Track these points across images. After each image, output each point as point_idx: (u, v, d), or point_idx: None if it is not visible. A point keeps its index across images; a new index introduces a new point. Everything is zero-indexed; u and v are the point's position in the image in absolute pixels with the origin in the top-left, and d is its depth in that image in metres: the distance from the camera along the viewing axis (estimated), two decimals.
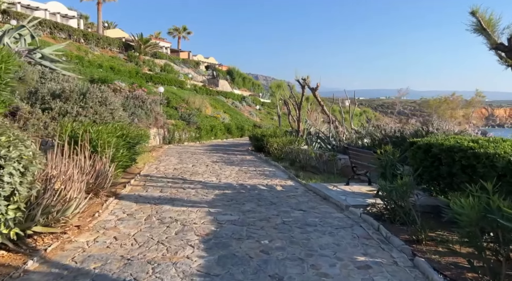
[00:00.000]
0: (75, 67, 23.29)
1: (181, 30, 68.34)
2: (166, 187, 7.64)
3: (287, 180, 8.94)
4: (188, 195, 6.87)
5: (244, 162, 12.50)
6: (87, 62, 27.54)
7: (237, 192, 7.26)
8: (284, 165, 11.40)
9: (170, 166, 10.78)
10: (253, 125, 37.13)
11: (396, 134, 9.23)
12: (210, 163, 11.96)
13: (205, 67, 65.22)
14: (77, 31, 35.53)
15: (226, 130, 29.76)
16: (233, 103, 44.40)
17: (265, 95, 68.21)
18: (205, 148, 17.99)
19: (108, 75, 24.33)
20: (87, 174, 6.01)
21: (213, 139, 26.19)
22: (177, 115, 23.93)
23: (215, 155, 14.44)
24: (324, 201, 6.68)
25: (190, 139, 22.31)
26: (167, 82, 36.31)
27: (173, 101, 27.61)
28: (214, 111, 33.84)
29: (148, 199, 6.51)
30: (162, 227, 4.89)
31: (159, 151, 15.20)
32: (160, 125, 18.05)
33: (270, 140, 13.88)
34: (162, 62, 45.65)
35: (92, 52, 34.15)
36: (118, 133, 8.25)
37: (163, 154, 14.19)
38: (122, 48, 42.21)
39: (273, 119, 49.48)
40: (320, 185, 7.67)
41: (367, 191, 7.07)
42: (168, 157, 13.27)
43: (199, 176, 9.11)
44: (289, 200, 6.68)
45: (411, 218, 4.72)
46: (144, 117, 14.87)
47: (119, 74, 29.15)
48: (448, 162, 5.06)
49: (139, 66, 38.28)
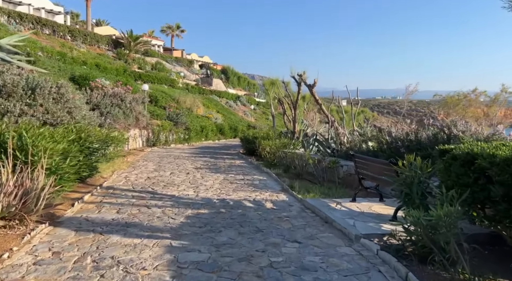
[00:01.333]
0: (54, 63, 21.70)
1: (174, 28, 66.70)
2: (127, 205, 6.09)
3: (279, 193, 7.42)
4: (151, 218, 5.32)
5: (231, 169, 10.97)
6: (70, 58, 25.87)
7: (216, 212, 5.73)
8: (277, 172, 9.89)
9: (143, 175, 9.22)
10: (248, 125, 35.59)
11: (410, 138, 7.74)
12: (192, 169, 10.41)
13: (199, 66, 63.62)
14: (62, 27, 33.82)
15: (218, 131, 28.21)
16: (227, 103, 42.85)
17: (261, 94, 66.69)
18: (192, 151, 16.43)
19: (90, 73, 22.74)
20: (8, 195, 4.47)
21: (204, 140, 24.63)
22: (165, 115, 22.34)
23: (200, 160, 12.89)
24: (326, 225, 5.16)
25: (178, 141, 20.75)
26: (157, 80, 34.71)
27: (162, 100, 26.02)
28: (207, 111, 32.28)
29: (96, 224, 4.96)
30: (93, 277, 3.35)
31: (139, 155, 13.63)
32: (143, 126, 16.48)
33: (263, 143, 12.37)
34: (153, 60, 44.03)
35: (78, 49, 32.47)
36: (71, 137, 6.70)
37: (141, 158, 12.62)
38: (111, 45, 40.56)
39: (268, 119, 47.91)
40: (320, 202, 6.16)
41: (380, 211, 5.57)
42: (146, 162, 11.70)
43: (174, 189, 7.57)
44: (280, 224, 5.16)
45: (453, 258, 3.24)
46: (121, 117, 13.30)
47: (105, 72, 27.52)
48: (503, 181, 3.56)
49: (128, 64, 36.63)
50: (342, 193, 7.15)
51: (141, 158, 12.63)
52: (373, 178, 6.00)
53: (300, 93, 14.96)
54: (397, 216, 4.99)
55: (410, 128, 7.97)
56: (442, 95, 16.55)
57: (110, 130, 11.17)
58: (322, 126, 26.22)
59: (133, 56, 40.65)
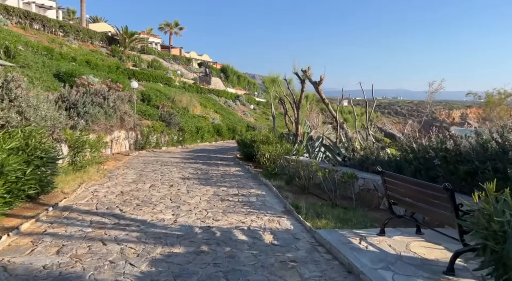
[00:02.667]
0: (38, 59, 20.12)
1: (172, 26, 65.12)
2: (76, 238, 4.51)
3: (281, 217, 5.84)
4: (100, 265, 3.74)
5: (225, 179, 9.38)
6: (58, 54, 24.30)
7: (194, 253, 4.14)
8: (278, 184, 8.31)
9: (117, 188, 7.63)
10: (247, 126, 34.00)
11: (446, 146, 6.15)
12: (178, 180, 8.82)
13: (198, 64, 62.05)
14: (53, 22, 32.23)
15: (216, 132, 26.62)
16: (226, 102, 41.26)
17: (261, 94, 65.07)
18: (184, 155, 14.85)
19: (77, 69, 21.18)
20: None
21: (200, 142, 23.05)
22: (157, 115, 20.75)
23: (191, 167, 11.30)
24: (350, 279, 3.57)
25: (171, 143, 19.16)
26: (153, 78, 33.14)
27: (155, 99, 24.44)
28: (204, 111, 30.70)
29: (14, 278, 3.38)
30: None
31: (122, 160, 12.04)
32: (130, 127, 14.89)
33: (262, 148, 10.79)
34: (150, 58, 42.47)
35: (69, 44, 30.90)
36: (10, 145, 5.12)
37: (123, 165, 11.04)
38: (105, 42, 38.98)
39: (269, 119, 46.27)
40: (337, 236, 4.57)
41: (424, 253, 3.99)
42: (126, 170, 10.11)
43: (148, 210, 5.98)
44: (284, 277, 3.58)
45: None
46: (102, 118, 11.72)
47: (96, 69, 25.96)
48: None
49: (122, 61, 35.07)
50: (362, 217, 5.58)
51: (122, 165, 11.04)
52: (410, 205, 4.40)
53: (304, 91, 13.39)
54: (454, 266, 3.43)
55: (454, 133, 6.37)
56: (477, 93, 14.76)
57: (84, 132, 9.60)
58: (326, 128, 24.65)
59: (128, 53, 39.10)
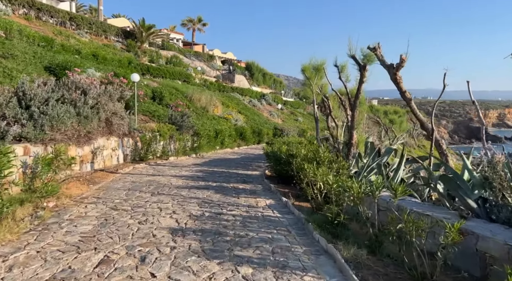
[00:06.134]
0: (29, 49, 16.87)
1: (195, 22, 62.03)
2: None
3: None
4: None
5: (249, 234, 5.24)
6: (59, 46, 21.08)
7: None
8: (354, 256, 4.16)
9: (25, 274, 3.71)
10: (274, 128, 29.87)
11: None
12: (162, 239, 4.78)
13: (222, 62, 58.58)
14: (62, 13, 29.33)
15: (238, 136, 22.66)
16: (250, 102, 37.31)
17: (288, 93, 60.79)
18: (194, 171, 10.90)
19: (73, 61, 17.75)
20: None
21: (219, 149, 19.13)
22: (167, 116, 17.02)
23: (196, 197, 7.30)
24: None
25: (182, 151, 15.32)
26: (170, 75, 29.64)
27: (169, 98, 20.77)
28: (226, 111, 26.83)
29: None
30: None
31: (99, 183, 8.20)
32: (123, 132, 11.11)
33: (307, 170, 6.62)
34: (169, 54, 39.19)
35: (79, 38, 27.86)
36: None
37: (93, 194, 7.17)
38: (121, 36, 35.92)
39: (298, 120, 41.88)
40: None
41: None
42: (90, 207, 6.22)
43: None
44: None
45: None
46: (69, 121, 7.94)
47: (103, 63, 22.61)
48: None
49: (137, 56, 31.81)
50: None
51: (93, 194, 7.17)
52: None
53: (365, 81, 9.15)
54: None
55: None
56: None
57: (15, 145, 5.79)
58: (373, 132, 20.07)
59: (145, 48, 35.91)
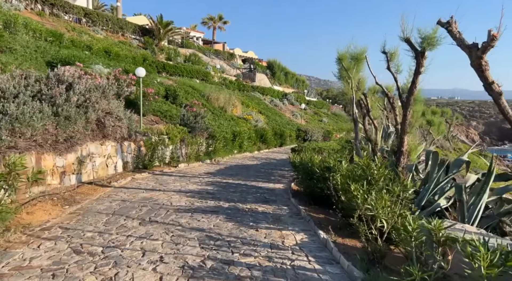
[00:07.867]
0: (32, 43, 15.52)
1: (216, 20, 60.48)
2: None
3: None
4: None
5: None
6: (69, 41, 19.73)
7: None
8: None
9: None
10: (297, 129, 27.71)
11: None
12: None
13: (242, 60, 56.79)
14: (76, 9, 28.21)
15: (259, 138, 20.66)
16: (272, 101, 35.25)
17: (311, 92, 58.38)
18: (204, 184, 8.97)
19: (79, 56, 16.27)
20: None
21: (237, 153, 17.20)
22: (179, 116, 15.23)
23: (200, 228, 5.36)
24: None
25: (194, 157, 13.47)
26: (187, 73, 27.97)
27: (184, 96, 19.00)
28: (245, 111, 24.89)
29: None
30: None
31: (80, 203, 6.40)
32: (121, 136, 9.33)
33: (358, 197, 4.53)
34: (188, 52, 37.69)
35: (94, 34, 26.63)
36: None
37: (60, 223, 5.34)
38: (138, 33, 34.62)
39: (322, 121, 39.54)
40: None
41: None
42: (44, 246, 4.38)
43: None
44: None
45: None
46: (40, 124, 6.17)
47: (116, 59, 21.14)
48: None
49: (154, 53, 30.37)
50: None
51: (58, 223, 5.33)
52: None
53: (423, 71, 6.96)
54: None
55: None
56: None
57: None
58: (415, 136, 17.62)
59: (162, 46, 34.49)
